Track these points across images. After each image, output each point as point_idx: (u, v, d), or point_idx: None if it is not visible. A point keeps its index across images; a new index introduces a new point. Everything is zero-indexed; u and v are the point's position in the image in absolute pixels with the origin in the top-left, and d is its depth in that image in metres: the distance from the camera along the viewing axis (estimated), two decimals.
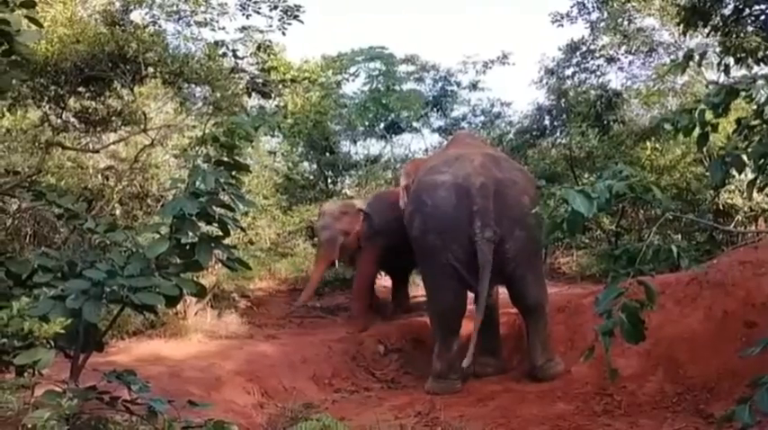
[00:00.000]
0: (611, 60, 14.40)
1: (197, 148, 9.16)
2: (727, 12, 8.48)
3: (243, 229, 5.49)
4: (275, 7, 9.07)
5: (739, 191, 9.98)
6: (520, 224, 6.85)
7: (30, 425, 2.80)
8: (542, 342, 7.09)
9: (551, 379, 6.85)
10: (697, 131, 3.42)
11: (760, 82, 3.25)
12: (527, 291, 7.10)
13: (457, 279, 6.99)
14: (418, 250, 7.39)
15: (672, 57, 13.52)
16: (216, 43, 9.00)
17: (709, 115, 3.36)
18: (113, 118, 8.58)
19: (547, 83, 15.25)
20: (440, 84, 17.00)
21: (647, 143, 12.13)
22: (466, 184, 6.86)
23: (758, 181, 3.51)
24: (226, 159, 3.67)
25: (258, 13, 9.15)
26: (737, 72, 8.17)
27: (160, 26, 8.58)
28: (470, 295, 7.41)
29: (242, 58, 9.42)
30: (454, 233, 6.85)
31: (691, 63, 3.71)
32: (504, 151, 11.55)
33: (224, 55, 9.01)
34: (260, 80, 9.48)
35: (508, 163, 7.54)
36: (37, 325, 2.85)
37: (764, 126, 3.34)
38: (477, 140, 9.01)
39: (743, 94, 3.33)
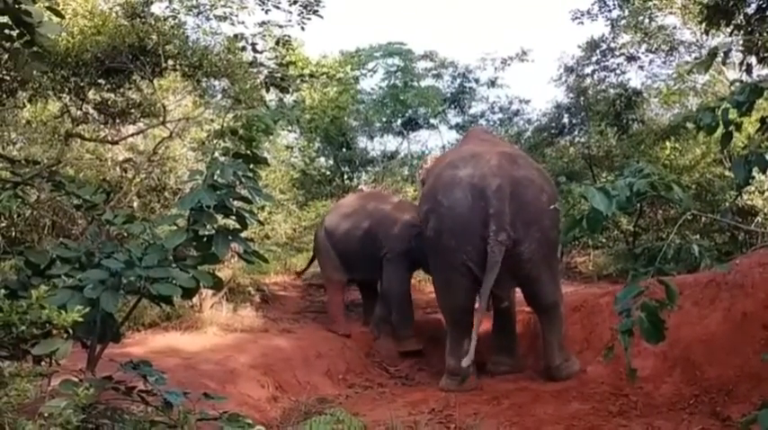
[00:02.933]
0: (631, 59, 14.30)
1: (215, 141, 9.18)
2: (750, 11, 8.38)
3: (260, 222, 5.50)
4: (294, 2, 9.05)
5: (759, 192, 9.87)
6: (535, 226, 6.80)
7: (46, 414, 2.81)
8: (558, 341, 7.06)
9: (568, 378, 6.83)
10: (720, 130, 3.38)
11: None
12: (541, 291, 7.07)
13: (469, 279, 6.95)
14: (431, 249, 7.35)
15: (693, 56, 13.41)
16: (235, 37, 9.01)
17: (732, 114, 3.32)
18: (132, 110, 8.62)
19: (566, 81, 15.19)
20: (458, 80, 16.98)
21: (667, 143, 12.03)
22: (482, 185, 6.79)
23: None
24: (244, 151, 3.67)
25: (277, 7, 9.13)
26: (760, 71, 8.08)
27: (180, 19, 8.59)
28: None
29: (261, 53, 9.41)
30: (469, 234, 6.79)
31: (713, 62, 3.67)
32: (522, 149, 11.47)
33: (243, 49, 9.00)
34: (278, 75, 9.46)
35: (525, 161, 7.41)
36: (55, 313, 2.86)
37: None
38: (493, 137, 8.86)
39: (767, 93, 3.28)
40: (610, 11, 13.98)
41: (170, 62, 7.97)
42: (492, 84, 16.93)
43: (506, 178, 6.80)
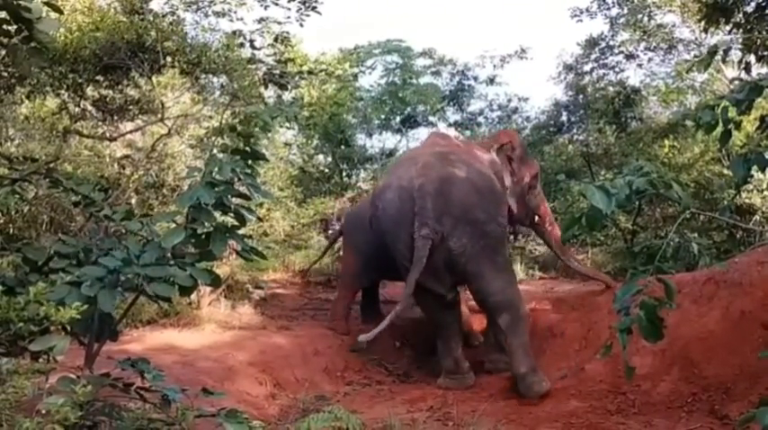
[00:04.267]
0: (630, 57, 14.31)
1: (214, 138, 9.18)
2: (749, 9, 8.38)
3: (260, 219, 5.51)
4: None
5: (758, 190, 9.88)
6: (465, 220, 6.86)
7: (44, 411, 2.80)
8: (523, 347, 6.78)
9: (535, 396, 6.42)
10: (719, 128, 3.37)
11: None
12: (487, 287, 6.97)
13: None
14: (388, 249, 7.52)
15: (692, 54, 13.41)
16: (234, 33, 9.01)
17: (732, 112, 3.31)
18: (131, 107, 8.62)
19: (565, 78, 15.19)
20: (457, 78, 16.95)
21: (665, 141, 12.03)
22: (408, 187, 6.97)
23: None
24: (242, 148, 3.66)
25: (276, 4, 9.14)
26: (760, 70, 8.07)
27: (179, 16, 8.58)
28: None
29: (259, 49, 9.41)
30: (400, 234, 6.99)
31: (713, 60, 3.66)
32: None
33: (241, 45, 9.00)
34: (277, 71, 9.46)
35: (458, 159, 7.33)
36: (53, 310, 2.86)
37: None
38: (447, 139, 8.43)
39: (767, 91, 3.27)
40: (609, 9, 13.97)
41: (168, 59, 7.96)
42: (491, 81, 16.90)
43: (430, 177, 6.93)
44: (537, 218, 8.44)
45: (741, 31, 8.43)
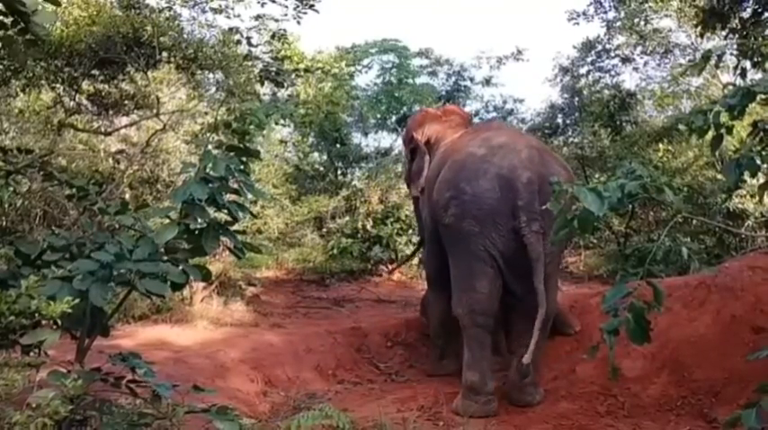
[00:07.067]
0: (626, 60, 14.35)
1: (209, 134, 9.17)
2: (745, 15, 8.42)
3: (253, 215, 5.49)
4: None
5: (750, 195, 9.91)
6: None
7: (34, 405, 2.81)
8: (534, 358, 6.32)
9: (524, 405, 6.29)
10: (711, 133, 3.39)
11: None
12: (548, 295, 6.41)
13: (491, 267, 6.46)
14: (450, 237, 6.83)
15: (688, 58, 13.46)
16: (230, 30, 9.01)
17: (724, 117, 3.33)
18: (126, 101, 8.61)
19: (561, 81, 15.21)
20: (453, 78, 16.94)
21: (660, 145, 12.07)
22: (511, 177, 6.42)
23: None
24: (237, 144, 3.66)
25: (273, 1, 9.15)
26: (754, 76, 8.11)
27: (175, 11, 8.58)
28: None
29: (256, 46, 9.42)
30: (495, 223, 6.40)
31: (707, 65, 3.69)
32: None
33: (238, 42, 9.00)
34: (273, 69, 9.47)
35: (551, 157, 7.08)
36: (44, 304, 2.86)
37: None
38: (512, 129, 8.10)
39: (760, 97, 3.30)
40: (605, 12, 13.98)
41: (164, 54, 7.95)
42: (487, 82, 16.88)
43: (536, 173, 6.45)
44: None
45: (737, 36, 8.46)
